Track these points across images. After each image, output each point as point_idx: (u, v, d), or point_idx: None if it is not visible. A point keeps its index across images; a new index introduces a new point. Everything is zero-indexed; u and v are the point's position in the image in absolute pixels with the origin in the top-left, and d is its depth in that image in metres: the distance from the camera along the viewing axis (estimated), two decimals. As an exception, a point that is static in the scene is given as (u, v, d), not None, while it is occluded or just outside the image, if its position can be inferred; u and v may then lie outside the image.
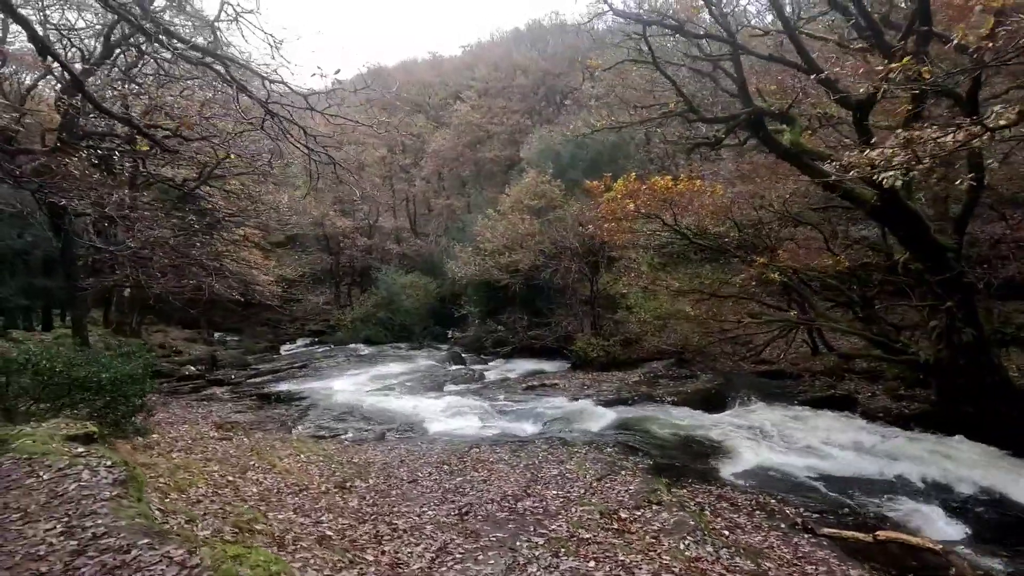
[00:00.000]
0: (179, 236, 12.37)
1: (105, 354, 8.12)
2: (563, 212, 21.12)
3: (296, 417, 13.14)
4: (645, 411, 11.97)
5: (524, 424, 12.13)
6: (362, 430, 12.41)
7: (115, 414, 7.04)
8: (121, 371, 6.99)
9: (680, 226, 11.54)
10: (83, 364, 6.78)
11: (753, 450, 9.36)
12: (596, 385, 15.22)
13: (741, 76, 9.13)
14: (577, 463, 7.87)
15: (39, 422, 5.61)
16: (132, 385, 7.16)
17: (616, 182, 11.08)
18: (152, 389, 7.67)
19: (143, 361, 7.88)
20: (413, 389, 16.86)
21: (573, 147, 24.72)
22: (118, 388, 6.92)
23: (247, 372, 19.22)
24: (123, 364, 7.33)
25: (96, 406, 6.95)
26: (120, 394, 7.00)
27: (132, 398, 7.27)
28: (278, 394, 15.54)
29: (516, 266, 21.12)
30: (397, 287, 28.69)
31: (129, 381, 7.10)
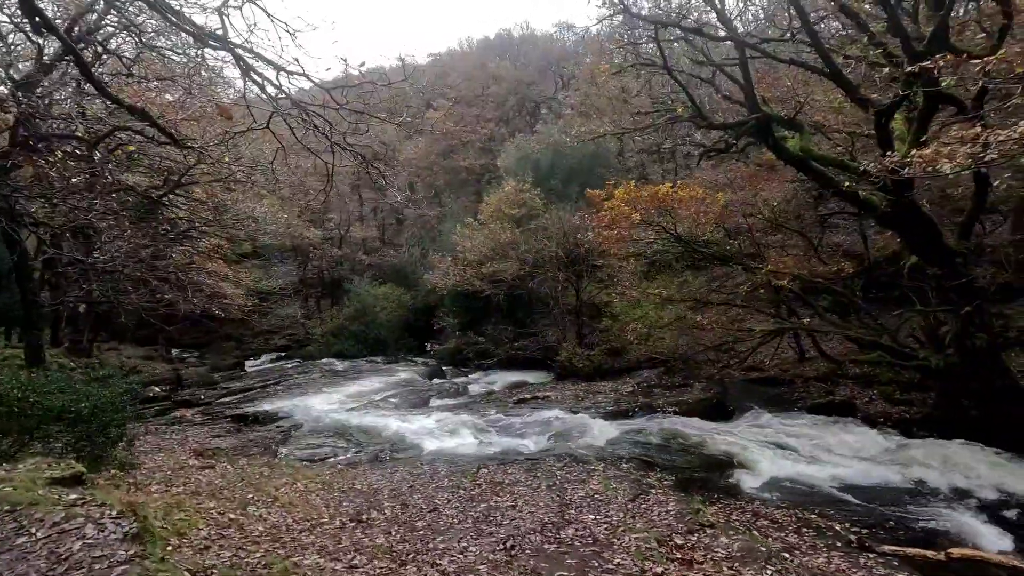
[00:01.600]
0: (149, 248, 11.43)
1: (78, 379, 7.26)
2: (545, 221, 20.87)
3: (279, 439, 12.29)
4: (648, 423, 11.70)
5: (525, 440, 11.66)
6: (352, 451, 11.69)
7: (95, 447, 6.24)
8: (102, 399, 6.20)
9: (678, 234, 11.39)
10: (59, 392, 5.97)
11: (769, 460, 9.18)
12: (590, 396, 14.89)
13: (749, 82, 9.05)
14: (601, 482, 7.47)
15: (13, 463, 4.83)
16: (112, 414, 6.37)
17: (617, 189, 10.84)
18: (132, 417, 6.85)
19: (122, 386, 7.07)
20: (398, 405, 16.16)
21: (552, 156, 24.58)
22: (97, 418, 6.13)
23: (216, 391, 18.05)
24: (102, 390, 6.53)
25: (73, 439, 6.14)
26: (99, 424, 6.20)
27: (112, 428, 6.47)
28: (255, 414, 14.57)
29: (499, 276, 20.69)
30: (371, 299, 27.81)
31: (110, 409, 6.31)
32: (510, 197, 22.79)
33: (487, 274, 20.83)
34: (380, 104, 14.01)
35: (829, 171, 8.96)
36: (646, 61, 10.09)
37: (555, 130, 25.65)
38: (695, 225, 11.67)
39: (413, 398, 16.95)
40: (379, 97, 8.81)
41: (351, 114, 6.34)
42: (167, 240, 13.40)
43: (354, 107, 7.56)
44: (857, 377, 13.06)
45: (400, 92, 41.06)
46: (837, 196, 9.13)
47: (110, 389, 6.62)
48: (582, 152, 24.32)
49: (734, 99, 10.50)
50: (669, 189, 10.53)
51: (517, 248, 20.82)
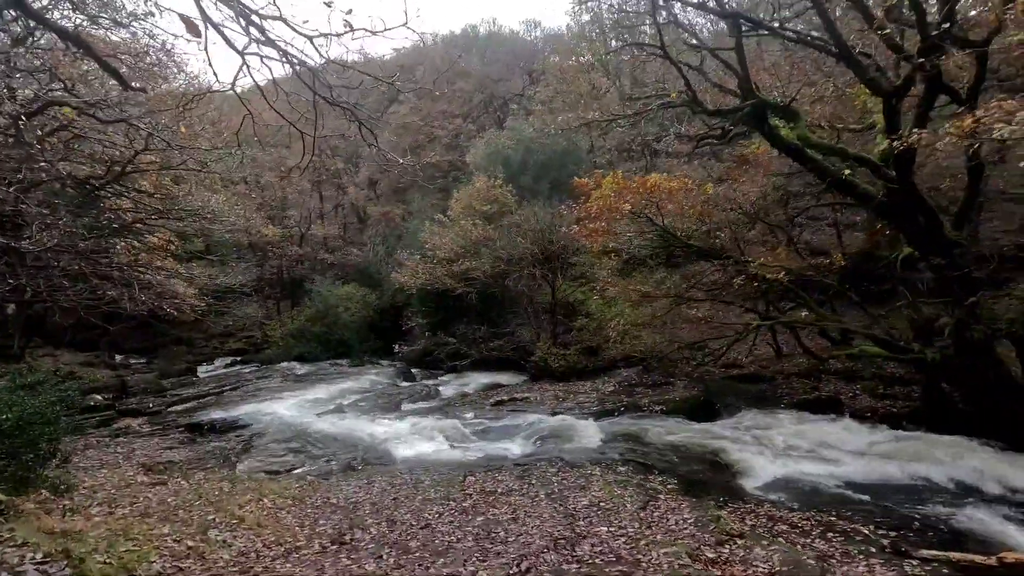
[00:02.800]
0: (88, 239, 10.22)
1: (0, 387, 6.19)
2: (518, 217, 20.30)
3: (239, 450, 11.26)
4: (636, 423, 11.26)
5: (508, 444, 11.03)
6: (322, 461, 10.80)
7: (20, 467, 5.25)
8: (28, 409, 5.22)
9: (665, 227, 11.00)
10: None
11: (765, 459, 8.86)
12: (571, 397, 14.39)
13: (744, 67, 8.71)
14: (603, 488, 6.92)
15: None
16: (43, 427, 5.39)
17: (605, 179, 10.36)
18: (69, 429, 5.86)
19: (55, 394, 6.06)
20: (367, 410, 15.24)
21: (523, 152, 24.05)
22: (24, 432, 5.15)
23: (166, 399, 16.66)
24: (28, 399, 5.53)
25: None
26: (27, 439, 5.22)
27: (42, 443, 5.48)
28: (211, 423, 13.41)
29: (471, 274, 19.97)
30: (333, 299, 26.56)
31: (39, 421, 5.33)
32: (481, 193, 22.12)
33: (459, 272, 20.07)
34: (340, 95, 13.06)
35: (825, 160, 8.71)
36: (636, 44, 9.64)
37: (526, 126, 25.13)
38: (680, 219, 11.32)
39: (383, 402, 16.05)
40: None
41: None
42: (108, 232, 12.12)
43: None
44: (839, 373, 13.02)
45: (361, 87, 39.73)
46: (833, 187, 8.88)
47: (39, 397, 5.63)
48: (553, 148, 23.90)
49: (725, 88, 10.18)
50: (658, 179, 10.13)
51: (490, 245, 20.15)
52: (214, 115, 13.92)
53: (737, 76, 9.08)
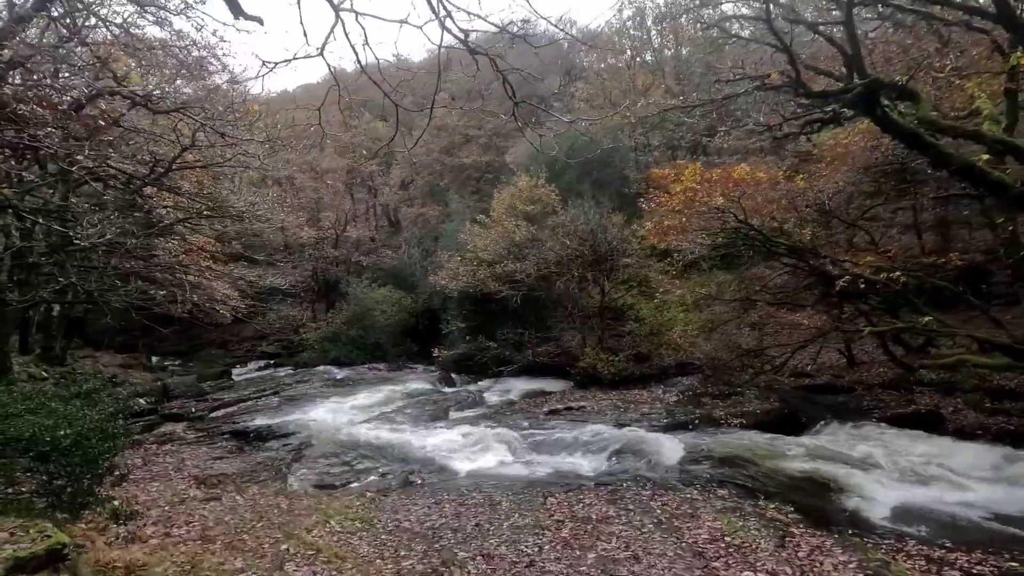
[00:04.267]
0: (137, 238, 9.73)
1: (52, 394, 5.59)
2: (562, 217, 19.52)
3: (289, 461, 10.63)
4: (716, 437, 10.31)
5: (577, 459, 10.21)
6: (377, 474, 10.11)
7: (78, 490, 4.62)
8: (88, 423, 4.59)
9: (750, 223, 10.06)
10: (28, 415, 4.35)
11: (881, 483, 7.87)
12: (632, 407, 13.49)
13: (855, 42, 7.77)
14: (720, 519, 6.05)
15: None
16: (103, 442, 4.75)
17: (687, 170, 9.49)
18: (128, 443, 5.22)
19: (113, 403, 5.44)
20: (414, 417, 14.54)
21: (566, 150, 23.19)
22: (83, 449, 4.52)
23: (207, 403, 16.22)
24: (86, 411, 4.91)
25: (47, 479, 4.51)
26: (86, 457, 4.59)
27: (100, 460, 4.85)
28: (257, 431, 12.86)
29: (515, 276, 19.21)
30: (370, 302, 26.09)
31: (99, 436, 4.69)
32: (524, 193, 21.38)
33: (502, 274, 19.32)
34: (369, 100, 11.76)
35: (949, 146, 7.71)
36: (739, 16, 8.77)
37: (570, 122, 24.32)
38: (759, 215, 10.35)
39: (430, 409, 15.33)
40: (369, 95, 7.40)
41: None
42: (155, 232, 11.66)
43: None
44: (932, 384, 11.89)
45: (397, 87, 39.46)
46: (957, 176, 7.86)
47: (97, 409, 5.02)
48: (599, 146, 23.02)
49: (816, 68, 9.24)
50: (745, 171, 9.22)
51: (535, 246, 19.39)
52: (261, 109, 13.42)
53: (843, 54, 8.14)
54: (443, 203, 30.90)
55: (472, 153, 28.71)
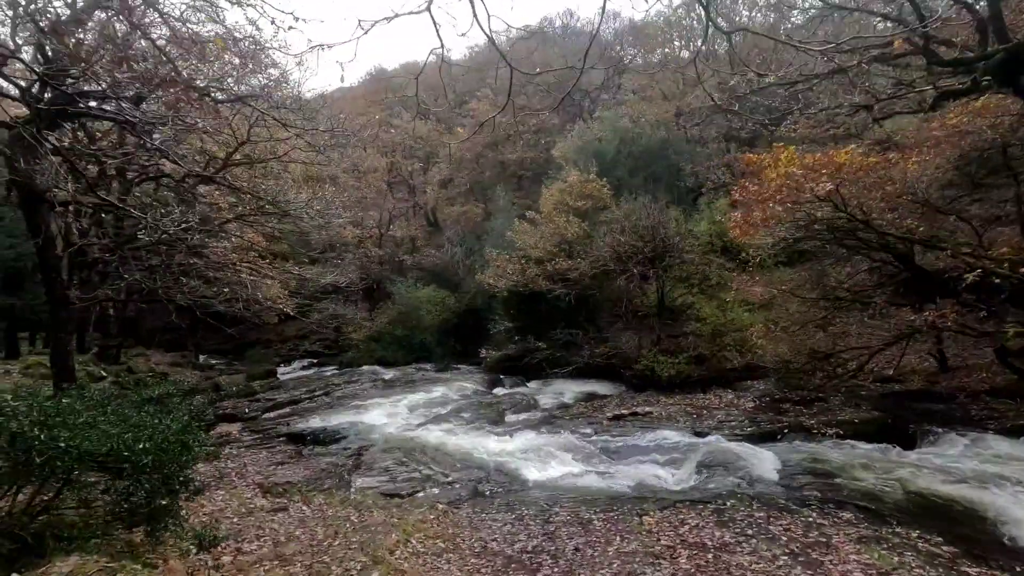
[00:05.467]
0: (200, 234, 9.39)
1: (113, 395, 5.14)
2: (615, 213, 18.72)
3: (350, 467, 10.17)
4: (813, 449, 9.37)
5: (657, 470, 9.41)
6: (443, 482, 9.54)
7: (156, 507, 4.12)
8: (166, 434, 4.08)
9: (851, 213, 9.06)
10: (99, 425, 3.87)
11: None
12: (704, 413, 12.62)
13: (995, 3, 6.78)
14: (869, 553, 5.20)
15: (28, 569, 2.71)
16: (181, 454, 4.24)
17: (784, 153, 8.57)
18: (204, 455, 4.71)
19: (188, 409, 4.96)
20: (470, 421, 13.96)
21: (617, 143, 22.36)
22: (163, 463, 4.01)
23: (260, 403, 16.01)
24: (163, 421, 4.41)
25: (122, 497, 4.03)
26: (163, 475, 4.08)
27: (177, 474, 4.34)
28: (313, 433, 12.49)
29: (568, 275, 18.48)
30: (415, 301, 25.73)
31: (178, 448, 4.19)
32: (574, 188, 20.61)
33: (554, 272, 18.61)
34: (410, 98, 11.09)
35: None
36: None
37: (619, 116, 23.45)
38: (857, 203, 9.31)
39: (484, 412, 14.74)
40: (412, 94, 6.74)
41: None
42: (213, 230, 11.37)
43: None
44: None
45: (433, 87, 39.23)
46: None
47: (173, 417, 4.53)
48: (651, 138, 22.10)
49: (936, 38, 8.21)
50: (849, 155, 8.27)
51: (589, 243, 18.64)
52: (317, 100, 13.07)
53: (976, 17, 7.14)
54: (485, 201, 30.41)
55: (516, 149, 28.08)
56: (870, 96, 9.95)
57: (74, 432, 3.52)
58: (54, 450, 3.36)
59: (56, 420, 3.54)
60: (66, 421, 3.59)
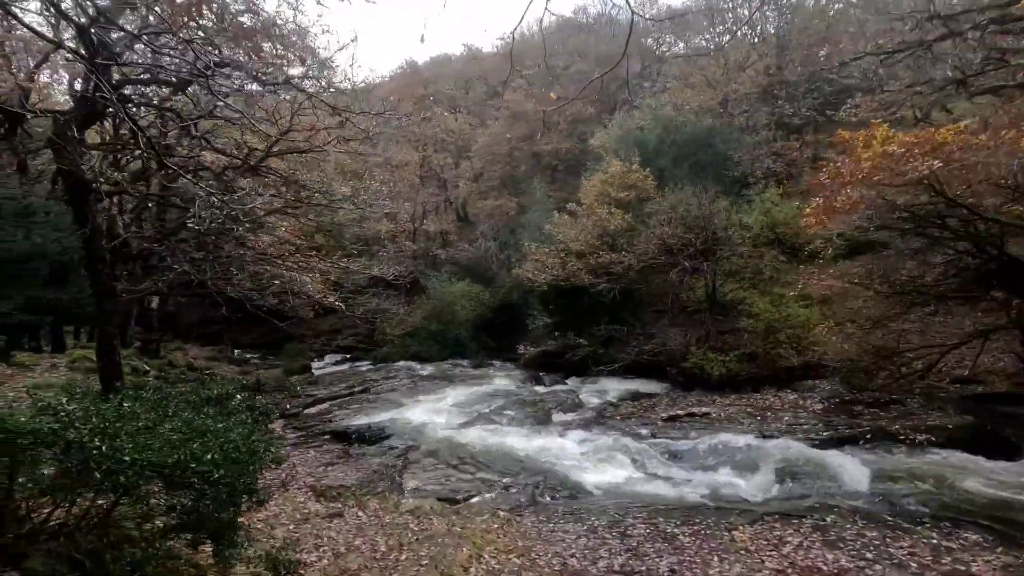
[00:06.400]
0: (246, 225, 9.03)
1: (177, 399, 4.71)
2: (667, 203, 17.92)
3: (400, 468, 9.74)
4: (903, 457, 8.59)
5: (730, 476, 8.74)
6: (499, 486, 9.05)
7: (223, 522, 3.67)
8: (235, 442, 3.62)
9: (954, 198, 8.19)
10: (162, 431, 3.42)
11: None
12: (767, 415, 11.88)
13: None
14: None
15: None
16: (248, 462, 3.78)
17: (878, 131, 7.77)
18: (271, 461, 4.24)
19: (252, 412, 4.52)
20: (516, 420, 13.43)
21: (660, 132, 21.50)
22: (232, 473, 3.55)
23: (301, 399, 15.77)
24: (230, 426, 3.95)
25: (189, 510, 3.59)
26: (230, 488, 3.62)
27: (245, 484, 3.87)
28: (357, 431, 12.12)
29: (611, 268, 17.79)
30: (449, 296, 25.31)
31: (246, 457, 3.72)
32: (616, 179, 19.85)
33: (597, 266, 17.94)
34: (442, 92, 10.51)
35: None
36: None
37: (662, 103, 22.58)
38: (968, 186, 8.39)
39: (530, 411, 14.18)
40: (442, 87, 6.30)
41: None
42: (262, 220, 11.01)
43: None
44: None
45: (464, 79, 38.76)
46: None
47: (237, 421, 4.08)
48: (696, 126, 21.18)
49: None
50: (951, 133, 7.43)
51: (632, 235, 17.94)
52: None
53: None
54: (519, 194, 29.80)
55: (551, 141, 27.40)
56: (958, 71, 9.03)
57: (136, 441, 3.08)
58: (115, 462, 2.93)
59: (116, 427, 3.11)
60: (127, 427, 3.16)
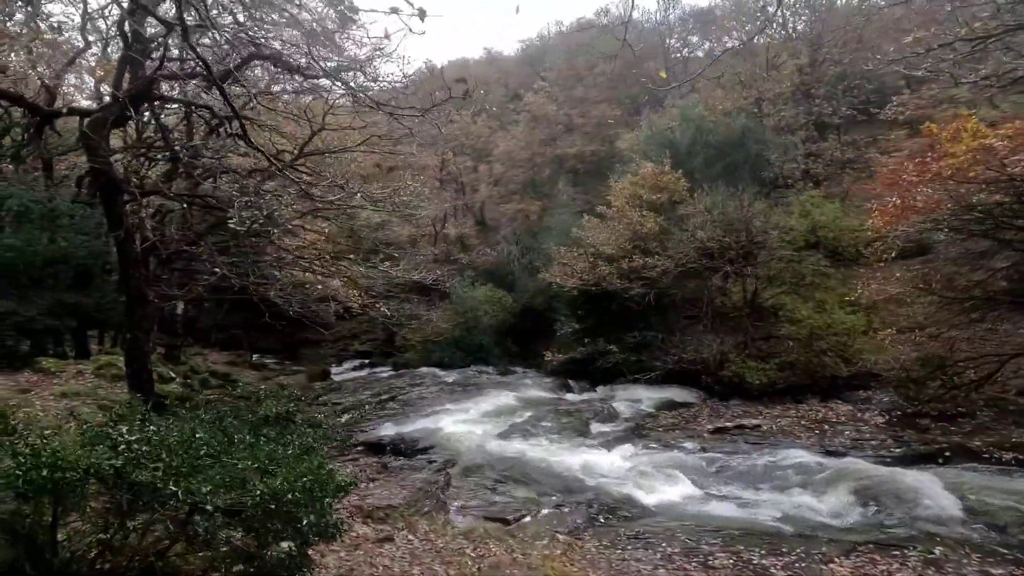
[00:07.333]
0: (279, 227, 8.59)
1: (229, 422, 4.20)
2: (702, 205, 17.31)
3: (443, 484, 9.20)
4: (994, 477, 7.91)
5: (800, 497, 8.10)
6: (550, 505, 8.50)
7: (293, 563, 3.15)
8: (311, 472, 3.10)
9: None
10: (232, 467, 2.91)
11: None
12: (828, 428, 11.26)
13: None
14: None
15: None
16: (319, 498, 3.25)
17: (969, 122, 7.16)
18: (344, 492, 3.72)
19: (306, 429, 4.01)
20: (554, 431, 12.88)
21: (692, 133, 20.90)
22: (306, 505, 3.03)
23: (327, 407, 15.32)
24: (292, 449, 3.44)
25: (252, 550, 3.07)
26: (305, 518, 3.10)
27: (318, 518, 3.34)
28: (392, 442, 11.66)
29: (645, 273, 17.18)
30: (472, 302, 24.80)
31: (315, 490, 3.19)
32: (648, 181, 19.26)
33: (630, 270, 17.35)
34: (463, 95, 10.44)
35: None
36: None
37: (693, 104, 21.97)
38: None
39: (567, 422, 13.62)
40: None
41: None
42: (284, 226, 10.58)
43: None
44: None
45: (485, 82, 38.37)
46: None
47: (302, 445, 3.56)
48: (729, 128, 20.56)
49: None
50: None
51: (665, 238, 17.35)
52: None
53: None
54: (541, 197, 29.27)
55: (575, 143, 26.88)
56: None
57: (212, 480, 2.57)
58: (193, 507, 2.43)
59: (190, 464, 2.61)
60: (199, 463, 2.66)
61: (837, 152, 19.43)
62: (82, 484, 2.72)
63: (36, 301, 12.88)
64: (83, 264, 14.09)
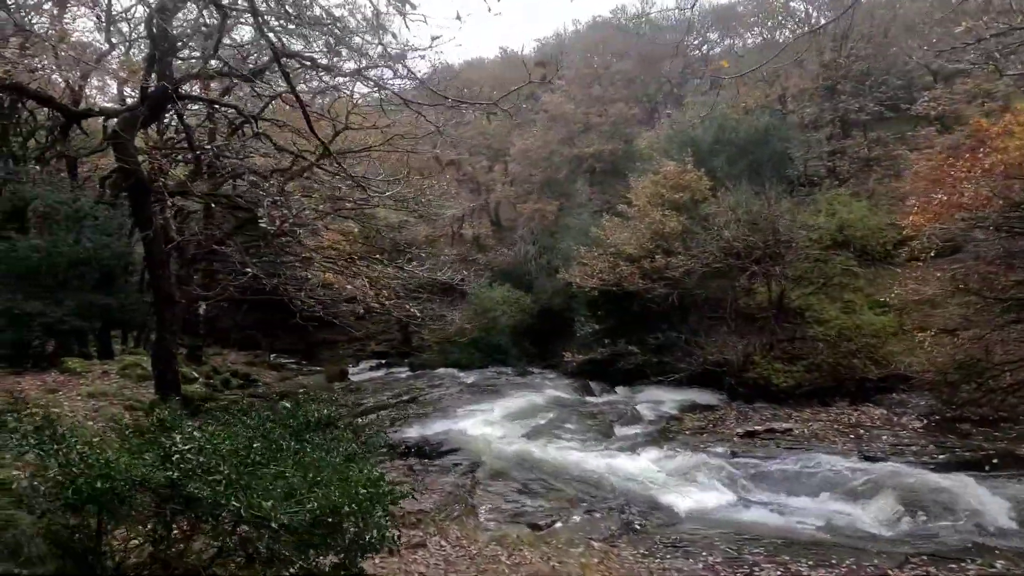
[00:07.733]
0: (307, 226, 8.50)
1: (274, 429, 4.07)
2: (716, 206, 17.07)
3: (469, 487, 9.06)
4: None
5: (839, 504, 7.87)
6: (580, 510, 8.33)
7: None
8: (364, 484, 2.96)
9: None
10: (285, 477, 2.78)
11: None
12: (864, 433, 10.98)
13: None
14: None
15: None
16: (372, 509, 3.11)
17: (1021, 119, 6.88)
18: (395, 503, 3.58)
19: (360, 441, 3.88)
20: (577, 433, 12.73)
21: (715, 131, 20.58)
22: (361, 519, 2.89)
23: (348, 408, 15.21)
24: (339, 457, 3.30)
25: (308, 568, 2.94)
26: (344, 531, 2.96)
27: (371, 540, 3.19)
28: (415, 444, 11.55)
29: (668, 273, 16.92)
30: (489, 302, 24.68)
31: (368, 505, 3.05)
32: (670, 180, 18.97)
33: (652, 270, 17.09)
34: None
35: None
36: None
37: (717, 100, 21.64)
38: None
39: (590, 424, 13.45)
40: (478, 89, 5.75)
41: None
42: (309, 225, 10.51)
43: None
44: None
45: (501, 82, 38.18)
46: None
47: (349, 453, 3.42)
48: (753, 125, 20.22)
49: None
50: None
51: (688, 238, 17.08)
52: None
53: None
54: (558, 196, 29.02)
55: (592, 142, 26.62)
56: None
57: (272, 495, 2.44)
58: (256, 525, 2.30)
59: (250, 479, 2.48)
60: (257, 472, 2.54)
61: (863, 149, 19.00)
62: (131, 495, 2.61)
63: (63, 302, 12.96)
64: (107, 265, 14.17)
